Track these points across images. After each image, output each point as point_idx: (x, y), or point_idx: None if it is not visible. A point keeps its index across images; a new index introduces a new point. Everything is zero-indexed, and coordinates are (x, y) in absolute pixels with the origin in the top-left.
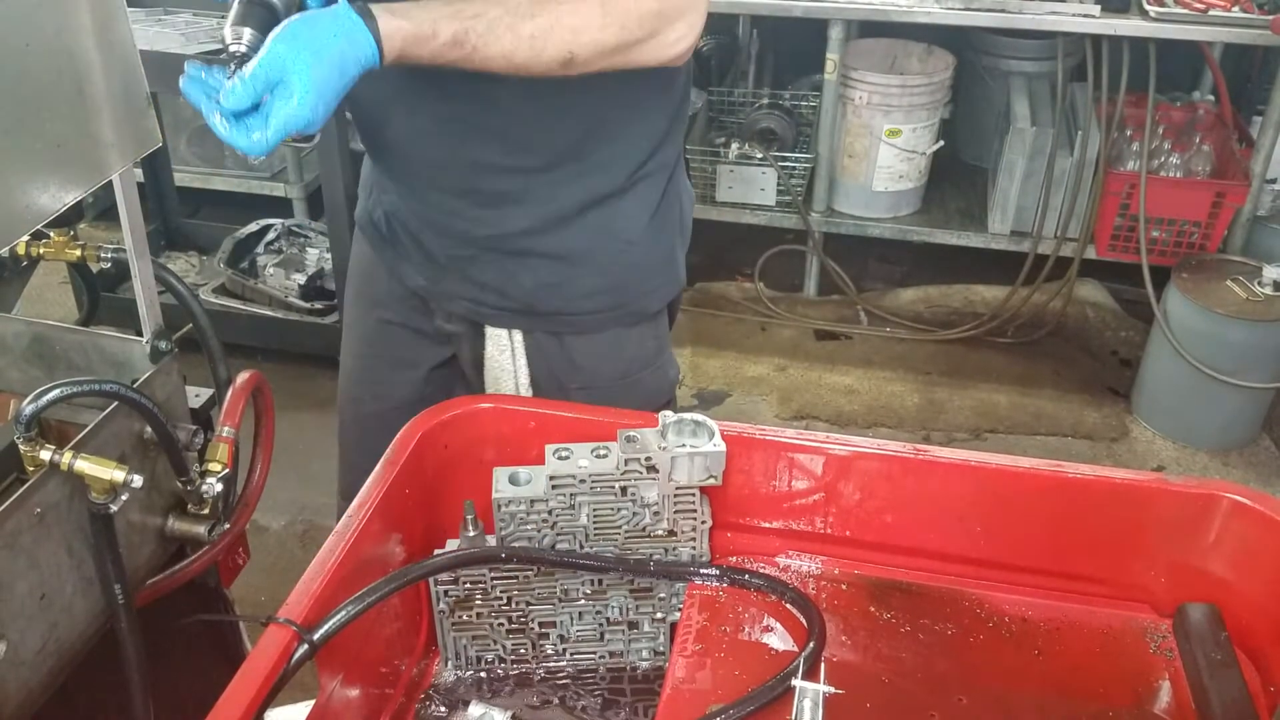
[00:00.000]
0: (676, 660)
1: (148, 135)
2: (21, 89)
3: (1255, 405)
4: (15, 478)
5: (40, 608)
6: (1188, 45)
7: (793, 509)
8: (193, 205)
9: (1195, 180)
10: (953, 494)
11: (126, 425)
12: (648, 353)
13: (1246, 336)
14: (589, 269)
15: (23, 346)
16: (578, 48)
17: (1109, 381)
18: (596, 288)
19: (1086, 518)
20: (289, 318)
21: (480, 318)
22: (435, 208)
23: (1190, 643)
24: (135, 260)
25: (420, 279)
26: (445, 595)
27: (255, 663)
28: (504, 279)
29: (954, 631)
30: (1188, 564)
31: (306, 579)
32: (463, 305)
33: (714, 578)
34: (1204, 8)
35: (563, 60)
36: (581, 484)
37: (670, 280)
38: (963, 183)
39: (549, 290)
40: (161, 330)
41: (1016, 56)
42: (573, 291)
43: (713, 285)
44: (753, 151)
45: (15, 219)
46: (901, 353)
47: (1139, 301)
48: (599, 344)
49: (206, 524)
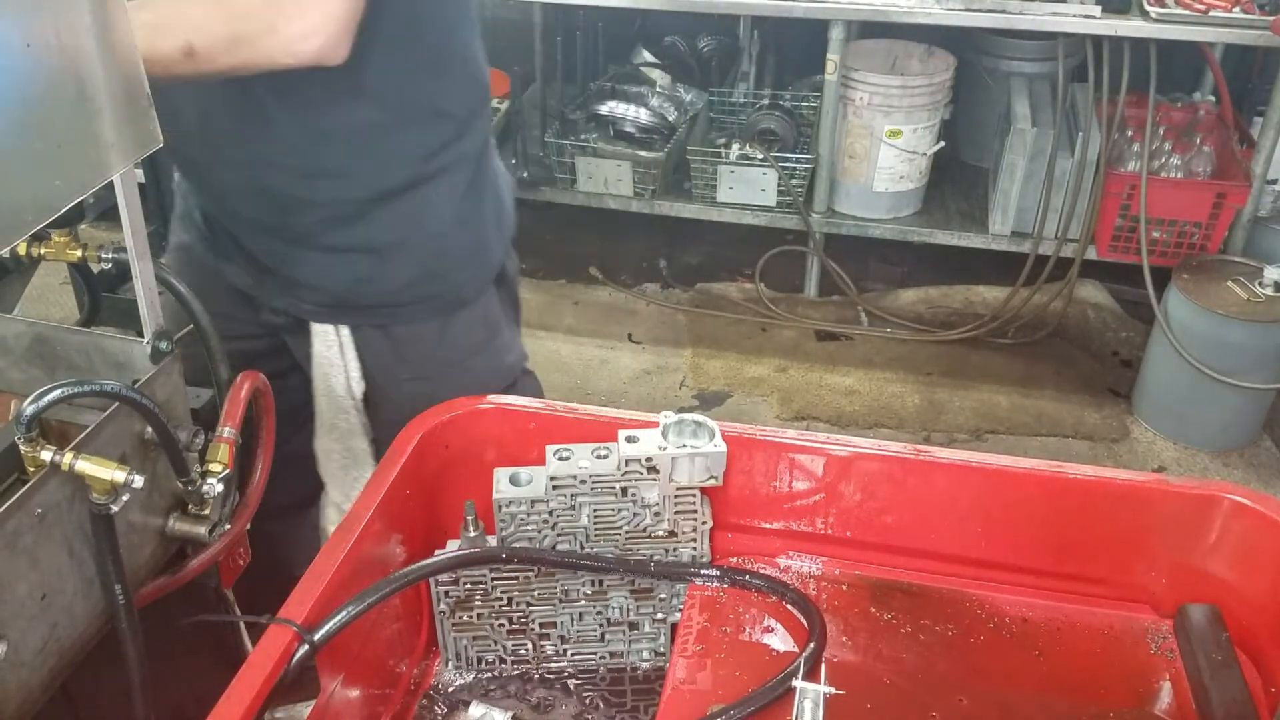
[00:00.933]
0: (677, 661)
1: (149, 136)
2: (22, 89)
3: (1256, 406)
4: (16, 478)
5: (41, 608)
6: (1188, 46)
7: (793, 510)
8: None
9: (1196, 181)
10: (953, 495)
11: (127, 426)
12: (476, 340)
13: (1247, 337)
14: (400, 260)
15: (23, 347)
16: (195, 37)
17: (1110, 382)
18: (410, 278)
19: (1087, 518)
20: None
21: (304, 314)
22: (238, 208)
23: (1191, 643)
24: (136, 261)
25: (245, 277)
26: (446, 596)
27: (256, 663)
28: (320, 274)
29: (955, 632)
30: (1188, 565)
31: (307, 579)
32: (286, 302)
33: (714, 578)
34: (1205, 9)
35: (183, 50)
36: (582, 485)
37: (483, 267)
38: (963, 183)
39: (365, 284)
40: (162, 331)
41: (1017, 57)
42: (388, 284)
43: (713, 286)
44: (753, 152)
45: (16, 219)
46: (902, 353)
47: (1140, 302)
48: (423, 333)
49: (207, 524)
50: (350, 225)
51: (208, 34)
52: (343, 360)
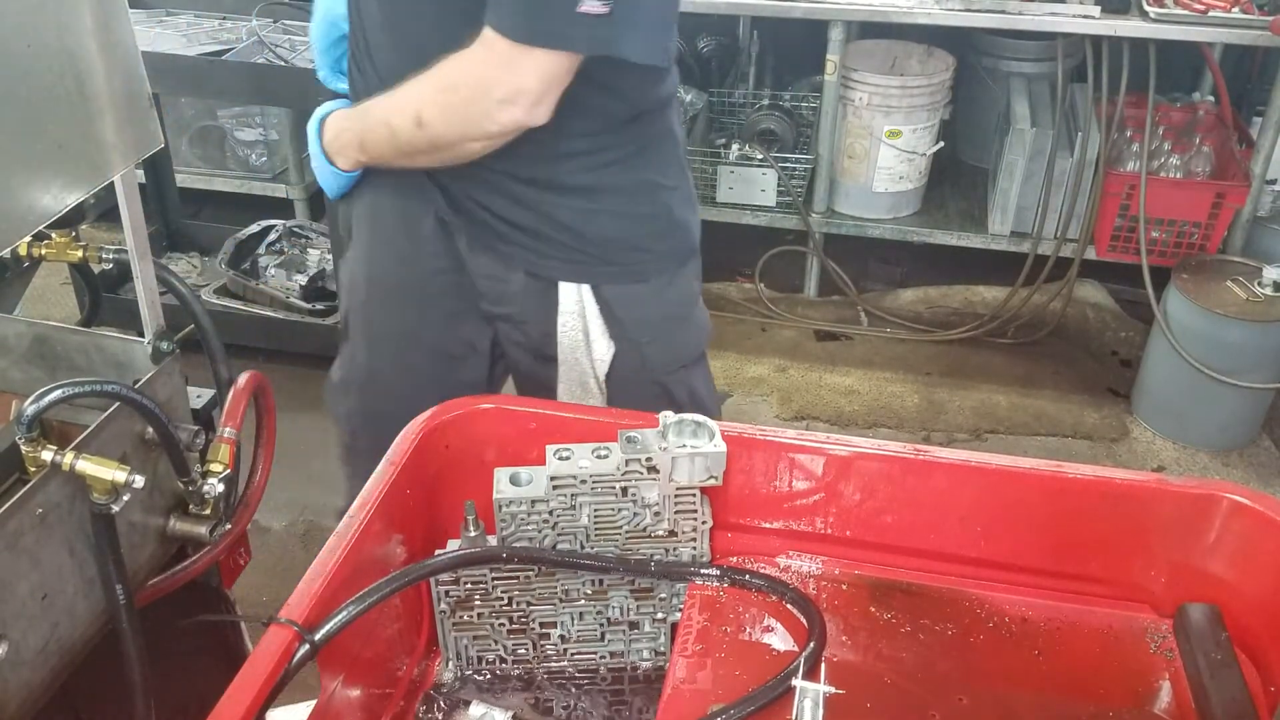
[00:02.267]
0: (677, 660)
1: (149, 136)
2: (23, 90)
3: (1255, 406)
4: (17, 478)
5: (42, 608)
6: (1188, 46)
7: (793, 509)
8: (194, 206)
9: (1195, 181)
10: (953, 494)
11: (128, 426)
12: (696, 288)
13: (1246, 337)
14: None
15: (24, 347)
16: (423, 108)
17: (1109, 382)
18: (657, 228)
19: (1087, 518)
20: (290, 318)
21: (553, 274)
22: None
23: (1190, 643)
24: (137, 261)
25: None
26: (446, 595)
27: (256, 663)
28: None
29: (954, 632)
30: (1188, 564)
31: (308, 579)
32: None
33: (714, 578)
34: (1204, 9)
35: (415, 122)
36: (582, 484)
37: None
38: (963, 183)
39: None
40: (163, 331)
41: (1016, 57)
42: (638, 231)
43: (713, 286)
44: (753, 152)
45: (17, 220)
46: (902, 353)
47: (1139, 302)
48: (663, 286)
49: (208, 524)
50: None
51: (431, 104)
52: (584, 323)
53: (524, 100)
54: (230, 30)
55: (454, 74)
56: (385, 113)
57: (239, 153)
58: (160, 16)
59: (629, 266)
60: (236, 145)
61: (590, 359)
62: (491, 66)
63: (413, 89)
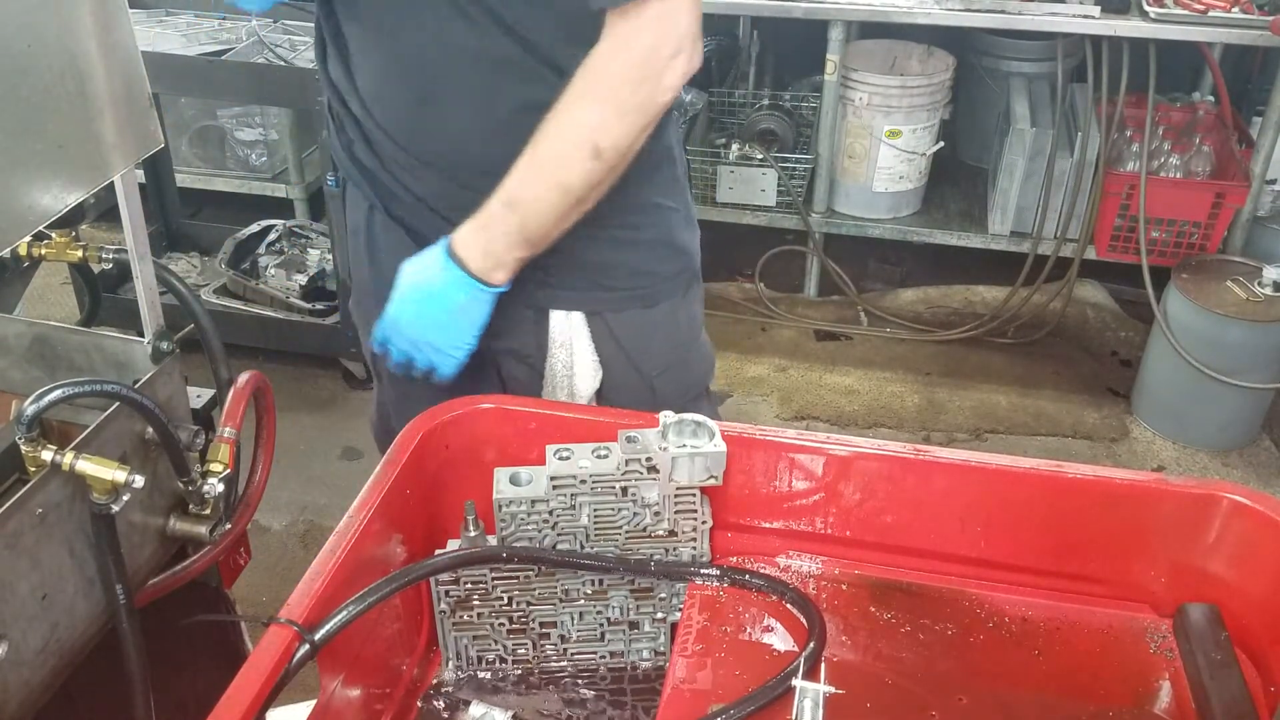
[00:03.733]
0: (677, 660)
1: (149, 136)
2: (23, 90)
3: (1255, 405)
4: (17, 478)
5: (42, 608)
6: (1188, 46)
7: (793, 509)
8: (194, 206)
9: (1195, 181)
10: (953, 494)
11: (128, 426)
12: (701, 312)
13: (1246, 337)
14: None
15: (24, 347)
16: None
17: (1109, 382)
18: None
19: (1086, 518)
20: (290, 318)
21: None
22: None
23: (1190, 643)
24: (137, 261)
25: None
26: (446, 595)
27: (256, 663)
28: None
29: (954, 631)
30: (1188, 564)
31: (308, 579)
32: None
33: (714, 578)
34: (1204, 9)
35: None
36: (582, 484)
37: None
38: (963, 183)
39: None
40: (163, 331)
41: (1016, 57)
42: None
43: (713, 286)
44: (753, 152)
45: (17, 220)
46: (902, 353)
47: (1139, 302)
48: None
49: (208, 524)
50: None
51: (602, 121)
52: (570, 354)
53: (688, 43)
54: (230, 30)
55: (611, 73)
56: (540, 181)
57: (239, 152)
58: (160, 16)
59: (635, 291)
60: (236, 145)
61: (571, 391)
62: (646, 35)
63: (565, 129)
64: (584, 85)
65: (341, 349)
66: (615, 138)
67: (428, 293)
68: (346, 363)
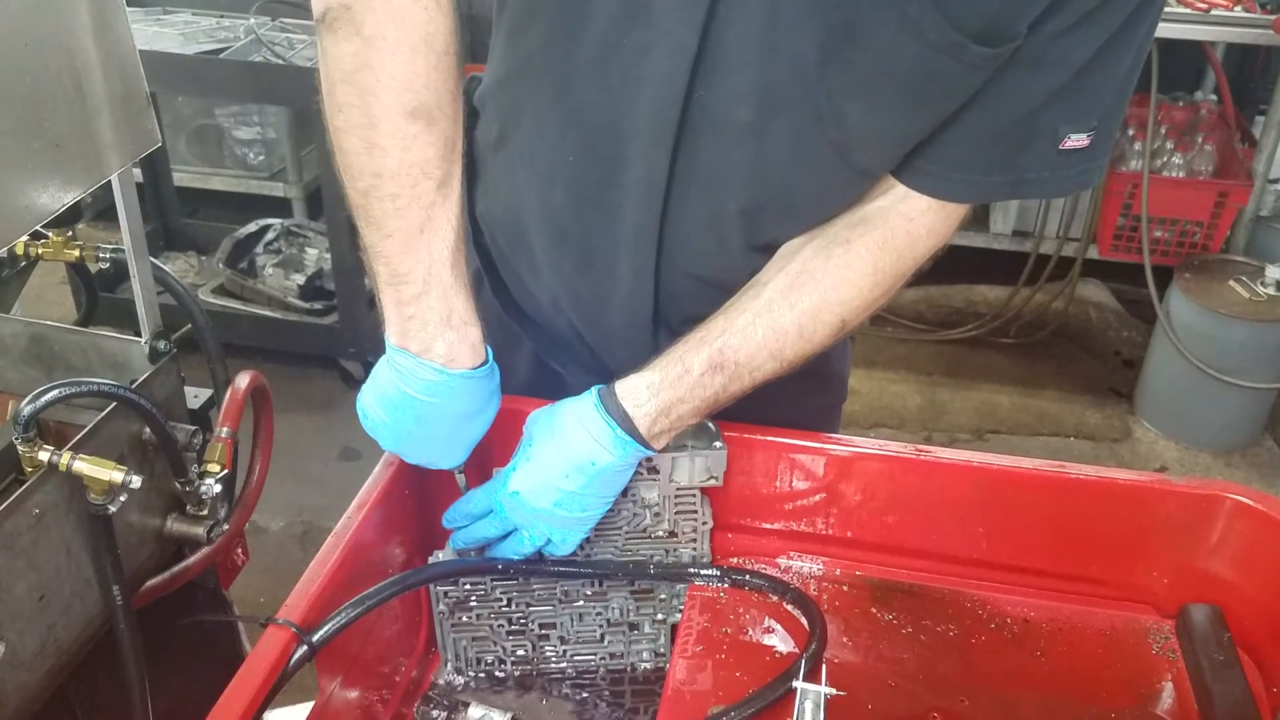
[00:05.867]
0: (677, 661)
1: (146, 135)
2: (21, 89)
3: (1258, 406)
4: (13, 478)
5: (39, 609)
6: (1190, 45)
7: (794, 510)
8: (191, 205)
9: (1198, 180)
10: (955, 495)
11: (125, 426)
12: None
13: (1249, 337)
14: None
15: (21, 347)
16: (849, 314)
17: (1111, 382)
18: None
19: (1089, 519)
20: (288, 318)
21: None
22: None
23: (1193, 643)
24: (134, 260)
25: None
26: (445, 597)
27: (254, 664)
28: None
29: (956, 633)
30: (1190, 565)
31: (305, 580)
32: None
33: (715, 579)
34: (1206, 7)
35: (838, 329)
36: None
37: None
38: None
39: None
40: (160, 330)
41: None
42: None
43: None
44: None
45: (14, 219)
46: (903, 353)
47: (1141, 302)
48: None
49: (205, 525)
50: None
51: (863, 306)
52: None
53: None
54: (228, 28)
55: (885, 263)
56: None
57: (236, 151)
58: (157, 15)
59: None
60: (234, 144)
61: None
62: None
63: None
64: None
65: (339, 349)
66: (862, 313)
67: (595, 472)
68: (344, 363)
